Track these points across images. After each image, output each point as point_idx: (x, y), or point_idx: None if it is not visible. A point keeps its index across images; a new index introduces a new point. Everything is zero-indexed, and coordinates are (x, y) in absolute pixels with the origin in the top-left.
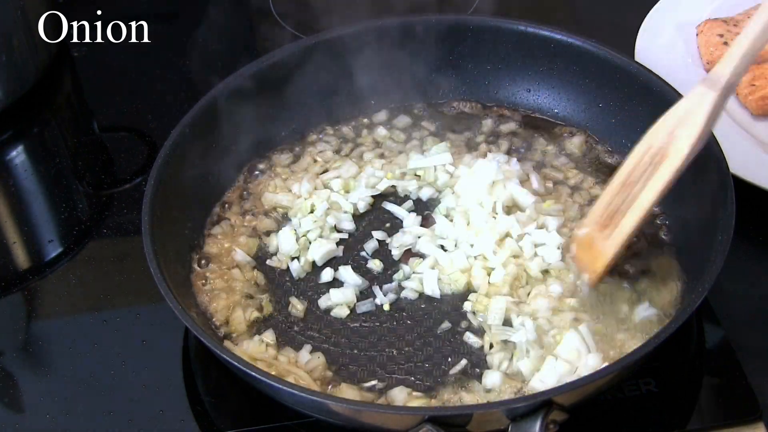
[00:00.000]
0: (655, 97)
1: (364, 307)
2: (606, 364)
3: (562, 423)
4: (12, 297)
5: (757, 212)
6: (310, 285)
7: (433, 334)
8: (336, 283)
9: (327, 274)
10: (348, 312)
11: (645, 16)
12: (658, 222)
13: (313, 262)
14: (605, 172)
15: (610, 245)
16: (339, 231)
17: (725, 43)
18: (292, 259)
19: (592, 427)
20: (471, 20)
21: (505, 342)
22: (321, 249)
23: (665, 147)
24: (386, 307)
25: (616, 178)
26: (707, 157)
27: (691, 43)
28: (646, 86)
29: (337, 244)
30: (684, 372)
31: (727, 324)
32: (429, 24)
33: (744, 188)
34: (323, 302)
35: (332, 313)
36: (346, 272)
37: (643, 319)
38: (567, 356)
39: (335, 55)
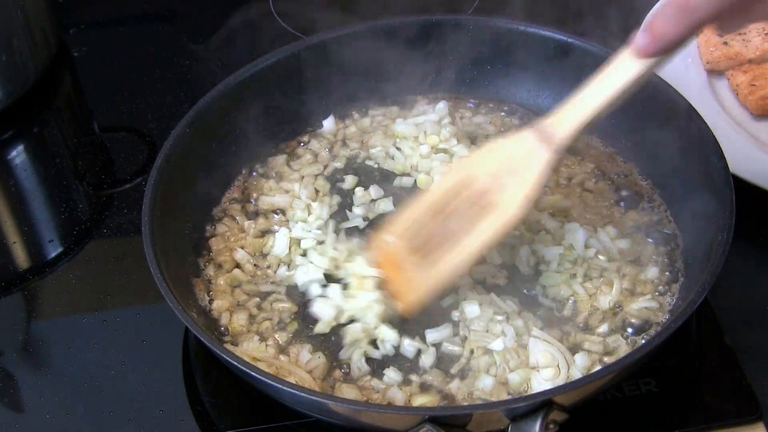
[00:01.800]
0: (654, 97)
1: None
2: (597, 365)
3: (562, 423)
4: (12, 297)
5: (757, 212)
6: None
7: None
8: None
9: (315, 289)
10: (329, 330)
11: (645, 16)
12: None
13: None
14: (605, 172)
15: (427, 282)
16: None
17: (725, 43)
18: (283, 263)
19: (592, 427)
20: (471, 20)
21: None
22: (306, 276)
23: (491, 193)
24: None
25: (427, 199)
26: (707, 157)
27: (691, 43)
28: (646, 86)
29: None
30: (684, 372)
31: (727, 324)
32: (429, 24)
33: (744, 188)
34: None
35: (315, 330)
36: (334, 292)
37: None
38: (544, 362)
39: (334, 55)
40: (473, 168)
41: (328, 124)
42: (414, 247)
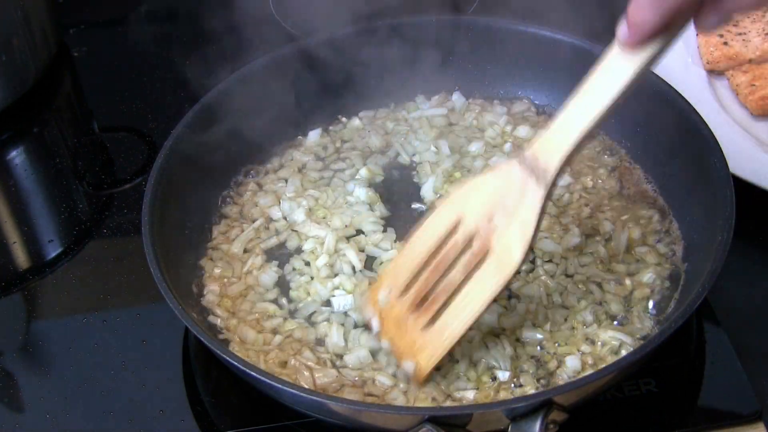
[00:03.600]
0: (654, 97)
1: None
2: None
3: (562, 423)
4: (12, 297)
5: (757, 212)
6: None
7: None
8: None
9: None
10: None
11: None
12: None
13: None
14: (604, 171)
15: (437, 344)
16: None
17: (725, 43)
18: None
19: (592, 427)
20: (471, 20)
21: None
22: (270, 273)
23: (484, 236)
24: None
25: (417, 245)
26: (707, 157)
27: (691, 43)
28: (646, 86)
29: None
30: (684, 372)
31: (727, 324)
32: (429, 24)
33: (744, 188)
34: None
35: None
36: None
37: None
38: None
39: (334, 56)
40: (461, 208)
41: (329, 122)
42: (412, 302)
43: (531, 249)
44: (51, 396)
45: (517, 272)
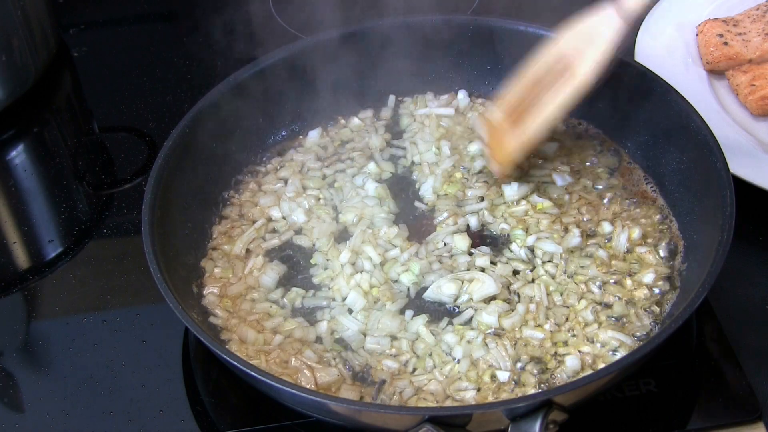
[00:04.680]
0: (655, 97)
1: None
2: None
3: (562, 423)
4: (12, 297)
5: (757, 212)
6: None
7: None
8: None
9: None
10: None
11: (645, 16)
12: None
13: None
14: (604, 171)
15: (516, 145)
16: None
17: (725, 43)
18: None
19: (592, 427)
20: (471, 20)
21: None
22: (271, 274)
23: (573, 62)
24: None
25: (530, 72)
26: (707, 156)
27: (691, 43)
28: (647, 86)
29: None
30: (684, 372)
31: (727, 324)
32: (429, 24)
33: (744, 188)
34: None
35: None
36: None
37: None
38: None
39: (334, 56)
40: (564, 45)
41: (329, 122)
42: (514, 119)
43: (599, 69)
44: (51, 396)
45: (585, 87)
